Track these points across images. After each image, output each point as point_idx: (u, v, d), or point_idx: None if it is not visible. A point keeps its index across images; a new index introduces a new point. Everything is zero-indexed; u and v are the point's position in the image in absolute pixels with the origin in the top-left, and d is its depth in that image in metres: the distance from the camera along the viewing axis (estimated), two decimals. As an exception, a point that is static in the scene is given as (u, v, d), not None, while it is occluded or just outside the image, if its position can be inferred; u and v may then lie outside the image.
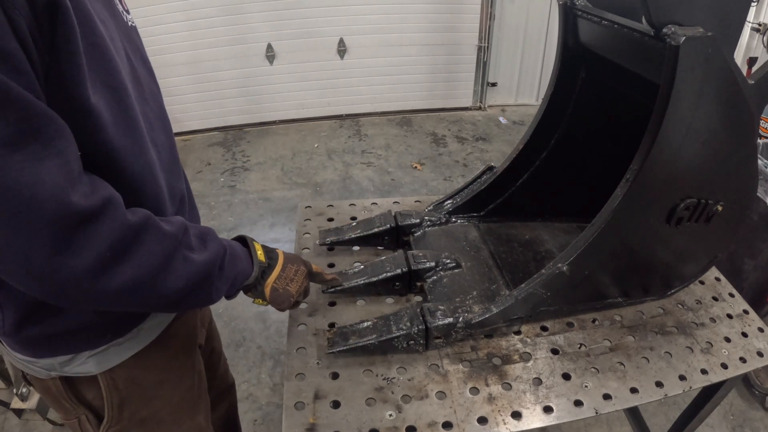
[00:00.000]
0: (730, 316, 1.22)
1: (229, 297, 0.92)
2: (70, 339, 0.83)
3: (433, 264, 1.21)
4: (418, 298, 1.22)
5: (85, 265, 0.63)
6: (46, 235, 0.60)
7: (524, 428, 0.93)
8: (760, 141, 2.50)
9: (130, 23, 0.86)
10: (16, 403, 2.02)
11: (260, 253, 0.94)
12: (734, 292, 1.31)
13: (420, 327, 1.03)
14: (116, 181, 0.71)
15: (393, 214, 1.36)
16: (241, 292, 0.93)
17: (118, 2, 0.82)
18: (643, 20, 0.98)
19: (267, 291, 0.93)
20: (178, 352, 1.00)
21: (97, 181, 0.67)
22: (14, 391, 2.01)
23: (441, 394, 0.98)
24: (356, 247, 1.35)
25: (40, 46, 0.59)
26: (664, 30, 0.86)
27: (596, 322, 1.17)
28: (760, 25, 3.83)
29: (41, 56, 0.59)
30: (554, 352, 1.09)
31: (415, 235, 1.36)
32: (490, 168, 1.44)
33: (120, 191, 0.71)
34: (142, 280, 0.70)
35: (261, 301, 0.95)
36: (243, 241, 0.96)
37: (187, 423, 1.03)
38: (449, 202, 1.45)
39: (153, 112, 0.84)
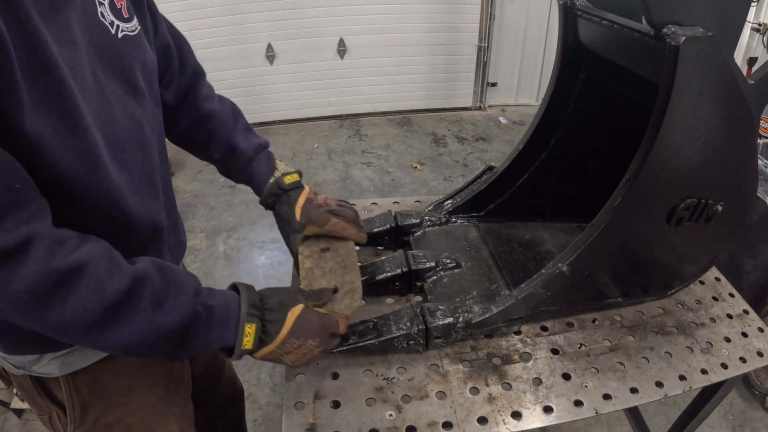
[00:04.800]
0: (730, 316, 1.22)
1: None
2: (34, 340, 0.82)
3: (433, 264, 1.21)
4: (418, 298, 1.22)
5: (3, 301, 0.62)
6: None
7: (524, 428, 0.93)
8: (760, 141, 2.50)
9: (120, 34, 0.80)
10: (16, 403, 2.03)
11: (248, 341, 0.80)
12: (734, 292, 1.31)
13: (420, 327, 1.03)
14: (70, 207, 0.69)
15: (393, 214, 1.36)
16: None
17: (108, 13, 0.78)
18: (643, 20, 0.98)
19: (257, 356, 0.85)
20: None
21: (32, 216, 0.63)
22: (14, 391, 2.01)
23: (441, 394, 0.98)
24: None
25: None
26: (664, 30, 0.86)
27: (596, 322, 1.17)
28: (760, 25, 3.83)
29: None
30: (554, 352, 1.09)
31: (415, 235, 1.36)
32: (490, 168, 1.44)
33: (75, 218, 0.69)
34: (73, 328, 0.67)
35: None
36: (236, 290, 0.86)
37: (158, 430, 1.01)
38: (449, 202, 1.45)
39: (125, 133, 0.79)
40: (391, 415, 0.94)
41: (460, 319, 1.06)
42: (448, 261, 1.24)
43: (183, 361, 0.82)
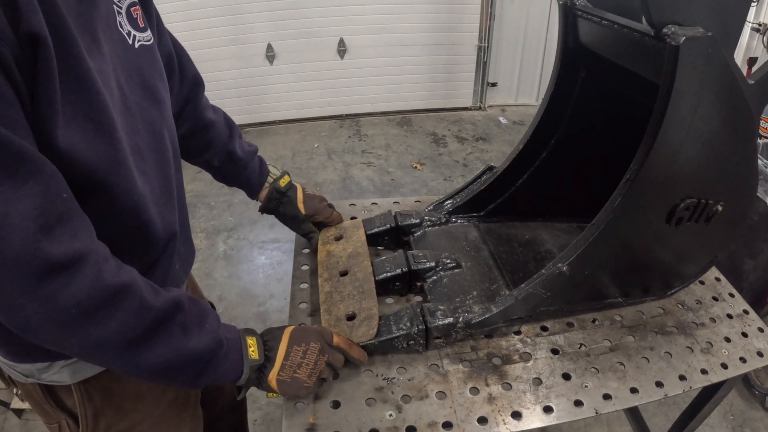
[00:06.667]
0: (730, 316, 1.22)
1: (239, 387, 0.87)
2: (44, 347, 0.82)
3: (433, 264, 1.21)
4: (418, 298, 1.22)
5: (48, 314, 0.62)
6: (15, 276, 0.59)
7: (524, 428, 0.93)
8: (760, 141, 2.50)
9: (137, 44, 0.81)
10: (16, 403, 2.03)
11: (252, 350, 0.84)
12: (734, 292, 1.31)
13: (420, 327, 1.03)
14: (96, 217, 0.69)
15: (393, 214, 1.36)
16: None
17: (126, 22, 0.78)
18: (643, 20, 0.98)
19: (273, 385, 0.87)
20: None
21: (82, 229, 0.64)
22: (14, 391, 2.01)
23: (441, 394, 0.98)
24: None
25: (26, 77, 0.57)
26: (664, 30, 0.86)
27: (596, 322, 1.17)
28: (760, 25, 3.83)
29: (27, 88, 0.58)
30: (554, 352, 1.09)
31: (415, 235, 1.36)
32: (490, 168, 1.44)
33: (98, 227, 0.69)
34: (110, 346, 0.68)
35: (274, 394, 0.89)
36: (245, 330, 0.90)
37: None
38: (449, 202, 1.45)
39: (145, 143, 0.80)
40: (391, 415, 0.94)
41: (460, 319, 1.06)
42: (448, 261, 1.24)
43: (201, 388, 0.83)
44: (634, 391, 1.01)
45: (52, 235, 0.60)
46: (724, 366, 1.09)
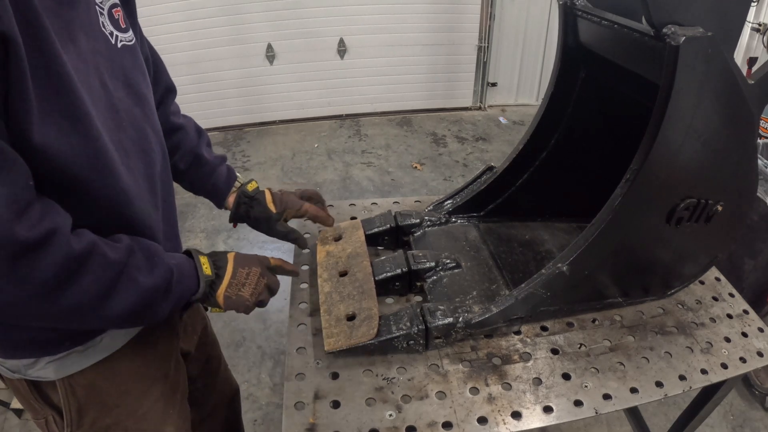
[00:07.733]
0: (730, 316, 1.22)
1: (181, 313, 0.93)
2: (31, 343, 0.83)
3: (433, 264, 1.21)
4: (418, 298, 1.22)
5: (28, 292, 0.65)
6: None
7: (524, 428, 0.93)
8: (760, 141, 2.50)
9: (119, 44, 0.83)
10: (16, 403, 2.03)
11: (206, 267, 0.92)
12: (734, 292, 1.31)
13: (420, 327, 1.03)
14: (81, 211, 0.72)
15: (393, 214, 1.36)
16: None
17: (108, 23, 0.80)
18: (643, 20, 0.98)
19: (220, 300, 0.93)
20: (148, 362, 0.99)
21: (48, 209, 0.67)
22: (14, 391, 2.01)
23: (441, 394, 0.98)
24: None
25: None
26: (664, 30, 0.86)
27: (596, 322, 1.17)
28: (760, 25, 3.83)
29: (0, 86, 0.59)
30: (554, 352, 1.09)
31: (415, 235, 1.36)
32: (490, 168, 1.44)
33: (82, 220, 0.72)
34: (85, 305, 0.71)
35: (217, 309, 0.96)
36: (189, 254, 0.95)
37: None
38: (449, 202, 1.45)
39: (130, 140, 0.82)
40: (391, 415, 0.94)
41: (460, 319, 1.06)
42: (448, 261, 1.24)
43: (160, 320, 0.87)
44: (634, 391, 1.01)
45: (23, 220, 0.63)
46: (724, 366, 1.09)
